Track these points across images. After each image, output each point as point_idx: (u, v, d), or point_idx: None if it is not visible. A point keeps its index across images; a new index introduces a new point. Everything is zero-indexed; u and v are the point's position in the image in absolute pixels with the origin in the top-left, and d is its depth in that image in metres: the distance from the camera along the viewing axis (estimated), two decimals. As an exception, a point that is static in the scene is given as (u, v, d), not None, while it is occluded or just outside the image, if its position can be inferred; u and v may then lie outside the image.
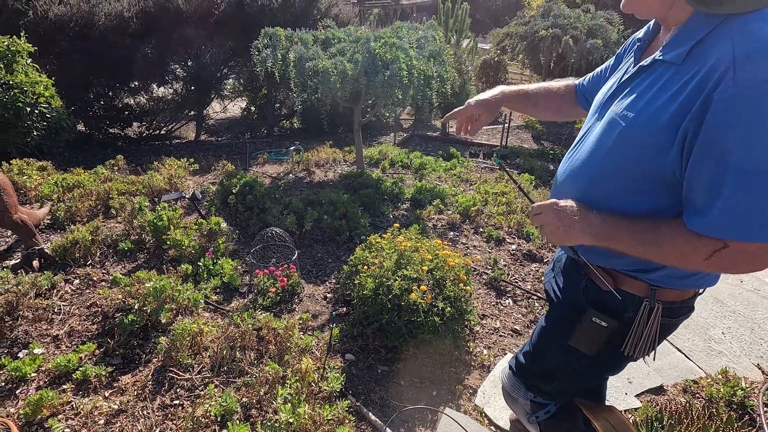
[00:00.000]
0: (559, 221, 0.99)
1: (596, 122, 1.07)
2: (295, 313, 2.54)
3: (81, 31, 5.66)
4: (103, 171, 4.10)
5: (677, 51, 0.88)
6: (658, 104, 0.88)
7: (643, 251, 0.93)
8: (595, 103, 1.13)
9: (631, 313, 1.08)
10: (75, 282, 2.57)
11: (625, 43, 1.19)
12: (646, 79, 0.95)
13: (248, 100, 8.45)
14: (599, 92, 1.14)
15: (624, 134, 0.94)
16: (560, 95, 1.41)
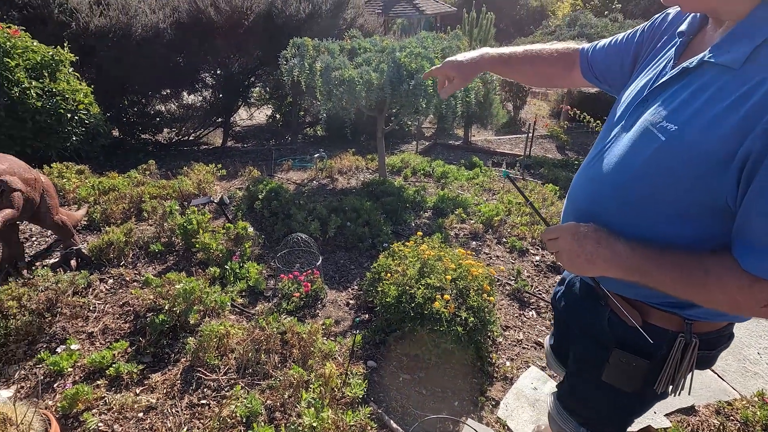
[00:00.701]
0: (578, 248, 0.86)
1: (623, 132, 0.91)
2: (318, 318, 2.57)
3: (119, 42, 5.91)
4: (136, 175, 4.26)
5: (734, 53, 0.74)
6: (708, 117, 0.74)
7: (682, 291, 0.79)
8: (620, 106, 0.96)
9: (663, 349, 0.94)
10: (109, 281, 2.67)
11: (655, 23, 1.00)
12: (691, 84, 0.79)
13: (274, 108, 8.64)
14: (625, 94, 0.97)
15: (663, 151, 0.79)
16: (551, 61, 1.22)
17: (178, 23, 6.49)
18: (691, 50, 0.86)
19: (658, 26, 0.99)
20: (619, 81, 1.07)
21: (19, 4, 5.33)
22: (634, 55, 1.03)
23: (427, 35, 4.75)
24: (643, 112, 0.87)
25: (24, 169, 2.42)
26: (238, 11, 6.60)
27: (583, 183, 1.00)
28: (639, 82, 0.94)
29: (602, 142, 0.98)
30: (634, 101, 0.91)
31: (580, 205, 0.99)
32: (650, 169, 0.82)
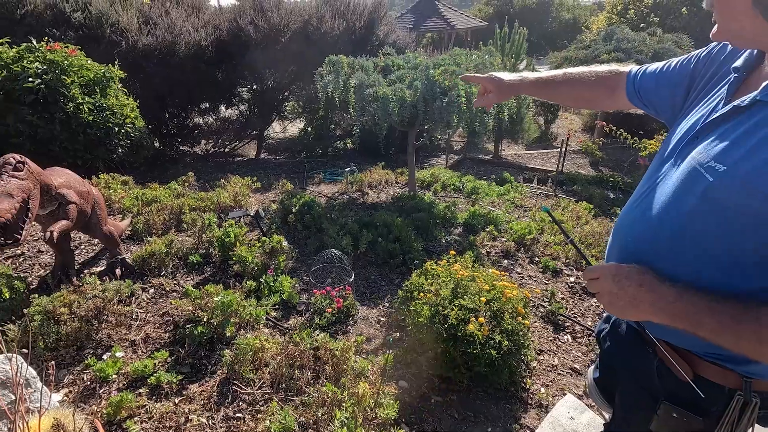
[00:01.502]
0: (621, 291, 0.82)
1: (671, 168, 0.87)
2: (349, 334, 2.59)
3: (164, 59, 6.24)
4: (176, 187, 4.44)
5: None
6: (761, 159, 0.71)
7: (735, 344, 0.73)
8: (672, 141, 0.92)
9: (719, 407, 0.86)
10: (150, 291, 2.78)
11: (712, 53, 0.95)
12: (743, 124, 0.76)
13: (306, 121, 8.86)
14: (678, 128, 0.93)
15: (712, 192, 0.75)
16: (591, 84, 1.21)
17: (218, 41, 6.80)
18: (746, 87, 0.81)
19: (714, 56, 0.94)
20: (669, 110, 1.04)
21: (75, 25, 5.71)
22: (687, 86, 0.99)
23: (461, 52, 4.78)
24: (692, 149, 0.83)
25: (79, 182, 2.57)
26: (275, 29, 6.84)
27: (630, 221, 0.95)
28: (691, 118, 0.90)
29: (652, 178, 0.93)
30: (685, 137, 0.88)
31: (626, 244, 0.94)
32: (700, 211, 0.78)
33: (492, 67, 4.67)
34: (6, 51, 4.37)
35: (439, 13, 16.08)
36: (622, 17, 12.04)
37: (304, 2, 8.13)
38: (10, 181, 1.97)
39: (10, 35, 4.76)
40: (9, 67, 4.27)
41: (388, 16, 8.14)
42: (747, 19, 0.74)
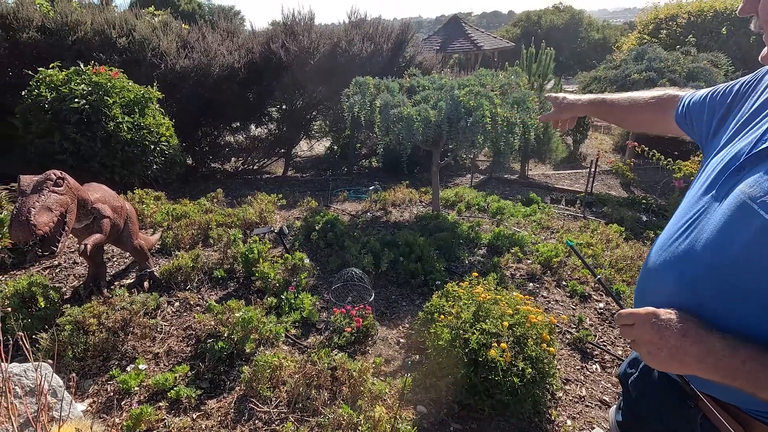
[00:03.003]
0: (661, 341, 0.73)
1: (714, 202, 0.79)
2: (368, 355, 2.55)
3: (199, 80, 6.53)
4: (205, 203, 4.57)
5: None
6: None
7: None
8: (711, 171, 0.84)
9: None
10: (175, 304, 2.84)
11: (758, 76, 0.89)
12: None
13: (332, 140, 9.02)
14: (717, 157, 0.85)
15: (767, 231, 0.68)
16: (649, 105, 1.23)
17: (250, 63, 7.07)
18: None
19: (759, 80, 0.88)
20: (705, 133, 0.99)
21: (120, 49, 6.08)
22: (724, 111, 0.94)
23: (486, 73, 4.78)
24: (738, 181, 0.75)
25: (113, 197, 2.68)
26: (305, 51, 7.07)
27: (669, 260, 0.85)
28: (734, 147, 0.82)
29: (689, 211, 0.85)
30: (728, 168, 0.80)
31: (664, 286, 0.84)
32: (754, 252, 0.69)
33: (518, 88, 4.64)
34: (56, 74, 4.69)
35: (466, 35, 16.25)
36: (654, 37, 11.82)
37: (333, 25, 8.40)
38: (50, 195, 2.08)
39: (60, 60, 5.11)
40: (58, 89, 4.56)
41: (414, 38, 8.28)
42: None
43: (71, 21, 5.89)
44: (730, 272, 0.73)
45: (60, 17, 5.90)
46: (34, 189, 2.07)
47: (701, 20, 11.37)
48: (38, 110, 4.51)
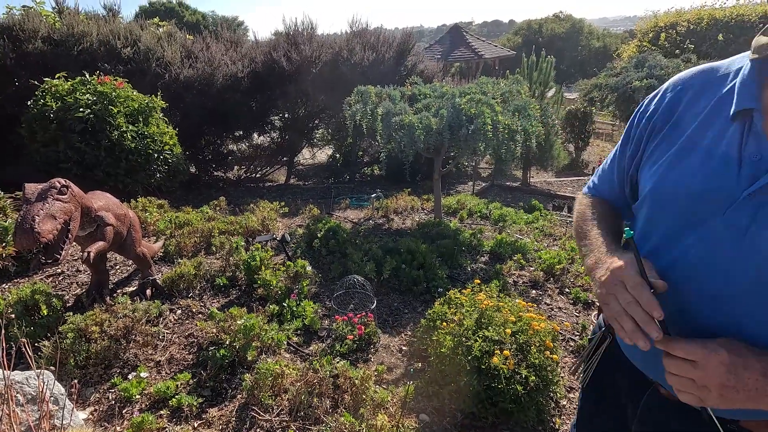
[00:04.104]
0: (738, 384, 0.65)
1: (750, 222, 0.71)
2: (370, 363, 2.54)
3: (202, 89, 6.60)
4: (207, 211, 4.59)
5: None
6: None
7: None
8: (721, 197, 0.74)
9: None
10: (177, 312, 2.84)
11: (666, 100, 0.86)
12: None
13: (335, 148, 9.07)
14: (721, 175, 0.75)
15: None
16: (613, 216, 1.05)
17: (253, 72, 7.14)
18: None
19: (674, 98, 0.85)
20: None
21: (125, 59, 6.16)
22: (649, 132, 0.89)
23: (487, 81, 4.82)
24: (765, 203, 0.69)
25: (117, 205, 2.70)
26: (307, 61, 7.14)
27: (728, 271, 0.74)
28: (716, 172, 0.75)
29: (717, 238, 0.75)
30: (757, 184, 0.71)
31: (703, 314, 0.76)
32: None
33: (519, 95, 4.67)
34: (62, 84, 4.75)
35: (467, 44, 16.37)
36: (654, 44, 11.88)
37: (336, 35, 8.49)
38: (54, 203, 2.09)
39: (66, 70, 5.17)
40: (63, 98, 4.62)
41: (416, 47, 8.35)
42: None
43: (77, 32, 5.98)
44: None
45: (66, 28, 5.99)
46: (39, 197, 2.09)
47: (700, 28, 11.43)
48: (43, 120, 4.56)
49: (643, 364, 0.91)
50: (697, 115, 0.81)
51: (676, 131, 0.83)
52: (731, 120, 0.75)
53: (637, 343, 0.71)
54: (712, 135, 0.77)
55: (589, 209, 1.04)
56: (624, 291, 0.74)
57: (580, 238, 1.01)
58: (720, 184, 0.74)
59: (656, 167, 0.84)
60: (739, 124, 0.74)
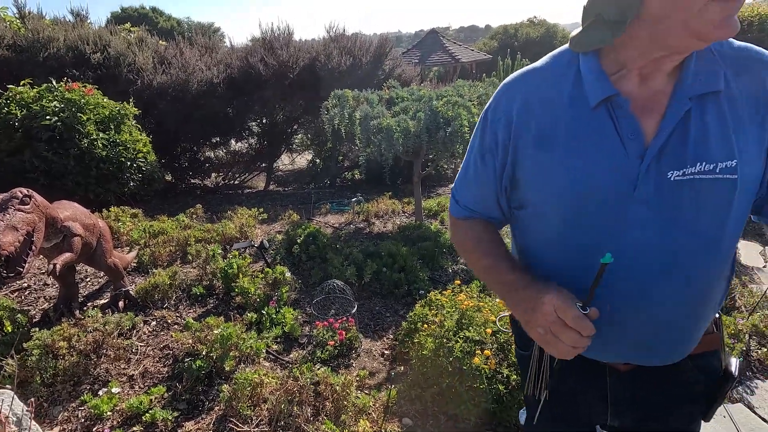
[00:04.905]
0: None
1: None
2: (352, 368, 2.50)
3: (177, 96, 6.46)
4: (183, 219, 4.48)
5: (712, 73, 0.78)
6: (746, 130, 0.77)
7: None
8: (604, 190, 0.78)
9: None
10: (152, 324, 2.75)
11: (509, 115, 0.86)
12: (704, 117, 0.75)
13: (314, 153, 9.00)
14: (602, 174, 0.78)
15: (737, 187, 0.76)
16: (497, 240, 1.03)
17: (230, 78, 7.04)
18: (641, 100, 0.76)
19: (521, 106, 0.85)
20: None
21: (94, 65, 5.98)
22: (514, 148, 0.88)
23: (464, 83, 4.86)
24: (664, 169, 0.75)
25: (85, 215, 2.60)
26: (284, 66, 7.08)
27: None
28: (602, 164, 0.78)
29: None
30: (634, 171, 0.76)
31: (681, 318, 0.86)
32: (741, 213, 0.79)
33: (495, 98, 4.72)
34: (27, 91, 4.57)
35: (444, 48, 16.55)
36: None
37: (313, 41, 8.45)
38: (16, 214, 2.00)
39: (33, 76, 4.99)
40: (29, 106, 4.45)
41: (393, 51, 8.39)
42: None
43: (43, 38, 5.79)
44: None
45: (31, 34, 5.79)
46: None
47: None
48: (8, 128, 4.38)
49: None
50: (557, 112, 0.81)
51: (547, 133, 0.82)
52: (593, 109, 0.78)
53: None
54: (586, 125, 0.79)
55: (478, 242, 1.01)
56: (565, 329, 0.75)
57: (484, 272, 0.99)
58: (618, 167, 0.77)
59: (547, 170, 0.83)
60: (605, 110, 0.77)
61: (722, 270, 0.83)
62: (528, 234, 0.94)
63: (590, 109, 0.79)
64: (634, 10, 0.70)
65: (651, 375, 0.92)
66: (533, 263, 0.95)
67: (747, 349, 2.65)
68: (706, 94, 0.74)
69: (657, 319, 0.84)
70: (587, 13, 0.78)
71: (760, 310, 3.01)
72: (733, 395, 2.39)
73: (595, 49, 0.79)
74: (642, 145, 0.76)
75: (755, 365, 2.61)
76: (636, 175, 0.76)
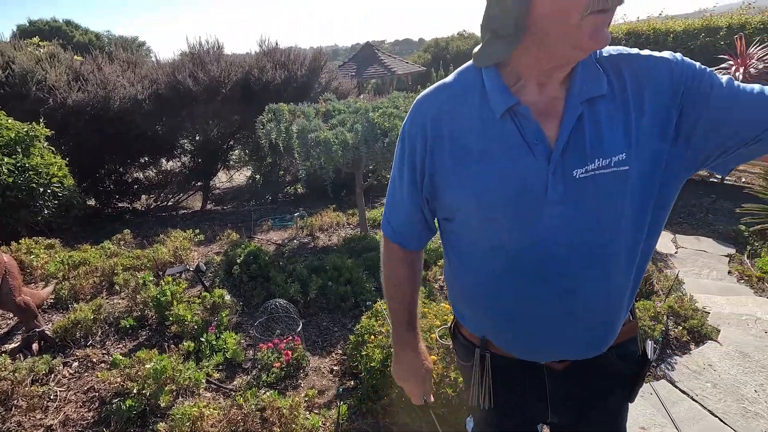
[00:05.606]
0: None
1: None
2: (300, 389, 2.42)
3: (97, 114, 6.00)
4: (109, 246, 4.14)
5: (598, 80, 0.85)
6: (632, 128, 0.82)
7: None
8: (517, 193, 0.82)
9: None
10: (74, 365, 2.49)
11: (422, 135, 0.91)
12: (595, 118, 0.81)
13: (253, 169, 8.73)
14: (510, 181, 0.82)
15: (628, 179, 0.81)
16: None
17: (156, 94, 6.67)
18: (540, 107, 0.82)
19: (434, 122, 0.90)
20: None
21: (-5, 84, 5.41)
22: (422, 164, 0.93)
23: (398, 95, 4.97)
24: (569, 169, 0.80)
25: (-15, 250, 2.31)
26: (216, 81, 6.84)
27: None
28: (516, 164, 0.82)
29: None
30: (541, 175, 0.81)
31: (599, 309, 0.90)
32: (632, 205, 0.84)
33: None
34: None
35: (380, 61, 16.88)
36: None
37: (246, 54, 8.25)
38: None
39: None
40: None
41: (329, 64, 8.41)
42: None
43: (-70, 54, 5.15)
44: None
45: None
46: None
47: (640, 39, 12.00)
48: None
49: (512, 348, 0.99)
50: (468, 123, 0.87)
51: (460, 144, 0.87)
52: (500, 119, 0.83)
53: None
54: (495, 134, 0.84)
55: (397, 286, 1.09)
56: (421, 384, 1.14)
57: (389, 307, 1.13)
58: (529, 171, 0.82)
59: (464, 180, 0.86)
60: (510, 119, 0.82)
61: (634, 260, 0.88)
62: (457, 244, 0.97)
63: (497, 118, 0.83)
64: (522, 27, 0.75)
65: (581, 369, 0.98)
66: (465, 273, 0.97)
67: (666, 329, 2.90)
68: (594, 98, 0.80)
69: (585, 314, 0.88)
70: (484, 30, 0.83)
71: (674, 293, 3.32)
72: (657, 373, 2.60)
73: (494, 63, 0.84)
74: (547, 148, 0.81)
75: (674, 343, 2.87)
76: (546, 177, 0.81)
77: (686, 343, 2.88)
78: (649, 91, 0.80)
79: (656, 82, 0.80)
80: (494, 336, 0.98)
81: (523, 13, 0.74)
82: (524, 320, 0.91)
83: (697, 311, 3.11)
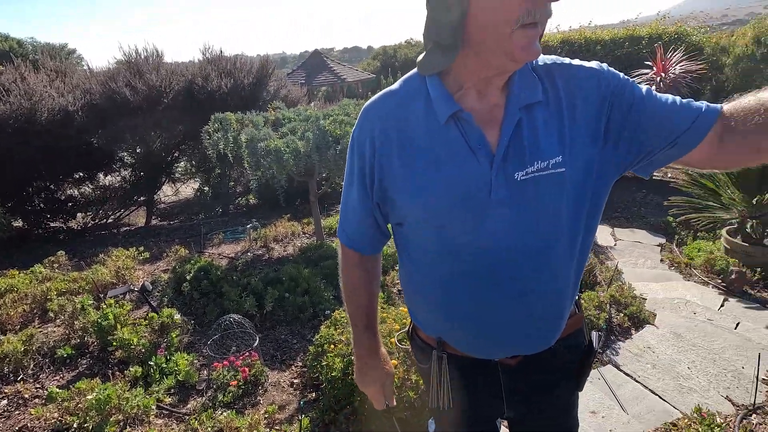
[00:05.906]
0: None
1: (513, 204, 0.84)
2: (259, 406, 2.34)
3: (22, 128, 5.53)
4: (41, 270, 3.81)
5: (533, 88, 0.89)
6: (566, 133, 0.88)
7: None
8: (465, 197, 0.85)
9: None
10: (2, 403, 2.26)
11: (372, 146, 0.92)
12: (533, 123, 0.85)
13: (201, 181, 8.39)
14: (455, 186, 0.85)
15: (566, 180, 0.86)
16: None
17: (90, 105, 6.26)
18: (482, 113, 0.85)
19: (383, 129, 0.91)
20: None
21: None
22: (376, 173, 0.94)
23: (349, 102, 4.99)
24: (511, 172, 0.83)
25: None
26: (156, 90, 6.53)
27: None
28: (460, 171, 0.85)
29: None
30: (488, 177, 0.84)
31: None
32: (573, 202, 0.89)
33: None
34: None
35: (330, 68, 16.87)
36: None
37: (190, 62, 7.94)
38: None
39: None
40: None
41: (277, 72, 8.28)
42: None
43: None
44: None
45: None
46: None
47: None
48: None
49: (468, 348, 1.02)
50: (414, 130, 0.88)
51: (407, 150, 0.89)
52: (444, 125, 0.85)
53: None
54: (441, 140, 0.86)
55: (353, 290, 1.12)
56: (382, 389, 1.15)
57: (352, 303, 1.13)
58: (474, 175, 0.84)
59: (412, 185, 0.89)
60: (454, 125, 0.85)
61: (574, 256, 0.93)
62: (409, 249, 0.99)
63: (441, 125, 0.86)
64: (460, 37, 0.79)
65: (532, 364, 1.03)
66: (419, 277, 0.99)
67: (609, 317, 3.10)
68: (531, 104, 0.85)
69: (543, 313, 0.93)
70: (426, 40, 0.85)
71: (615, 282, 3.56)
72: (603, 359, 2.77)
73: (437, 71, 0.87)
74: (490, 152, 0.85)
75: (617, 329, 3.07)
76: (489, 180, 0.84)
77: (628, 328, 3.08)
78: (581, 100, 0.85)
79: (587, 91, 0.85)
80: (450, 337, 1.01)
81: (461, 25, 0.77)
82: (482, 323, 0.94)
83: (635, 298, 3.34)
